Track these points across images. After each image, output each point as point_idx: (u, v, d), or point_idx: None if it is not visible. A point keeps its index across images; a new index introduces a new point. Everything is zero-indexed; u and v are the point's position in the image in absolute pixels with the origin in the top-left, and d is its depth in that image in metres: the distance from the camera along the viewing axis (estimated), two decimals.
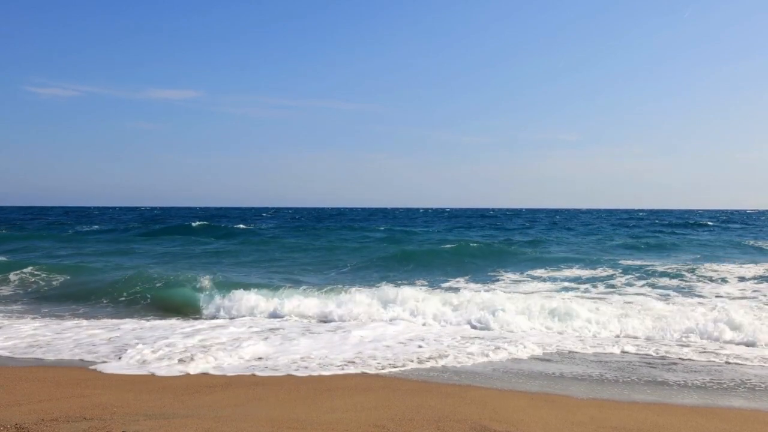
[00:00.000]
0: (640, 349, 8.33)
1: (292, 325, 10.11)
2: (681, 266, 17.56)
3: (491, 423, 4.87)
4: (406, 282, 14.97)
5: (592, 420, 5.08)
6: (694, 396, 6.12)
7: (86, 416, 4.90)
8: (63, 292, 13.93)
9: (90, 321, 10.44)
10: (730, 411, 5.53)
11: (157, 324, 10.10)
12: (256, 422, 4.83)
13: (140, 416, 4.94)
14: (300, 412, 5.19)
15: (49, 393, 5.81)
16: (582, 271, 17.37)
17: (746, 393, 6.20)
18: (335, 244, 26.38)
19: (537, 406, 5.50)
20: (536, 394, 6.08)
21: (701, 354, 7.97)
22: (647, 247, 26.33)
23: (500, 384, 6.52)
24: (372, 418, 4.98)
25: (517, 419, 5.02)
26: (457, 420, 4.94)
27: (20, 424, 4.67)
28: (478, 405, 5.46)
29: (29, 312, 11.51)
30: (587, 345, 8.54)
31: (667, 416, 5.25)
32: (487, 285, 14.66)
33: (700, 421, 5.13)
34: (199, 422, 4.77)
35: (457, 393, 5.96)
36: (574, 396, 6.03)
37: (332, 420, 4.93)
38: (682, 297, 12.83)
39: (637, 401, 5.86)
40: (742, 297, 13.01)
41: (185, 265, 18.75)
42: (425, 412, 5.17)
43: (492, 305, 10.43)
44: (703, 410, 5.54)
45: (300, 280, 15.55)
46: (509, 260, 20.27)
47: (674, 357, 7.87)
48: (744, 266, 18.10)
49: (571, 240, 31.80)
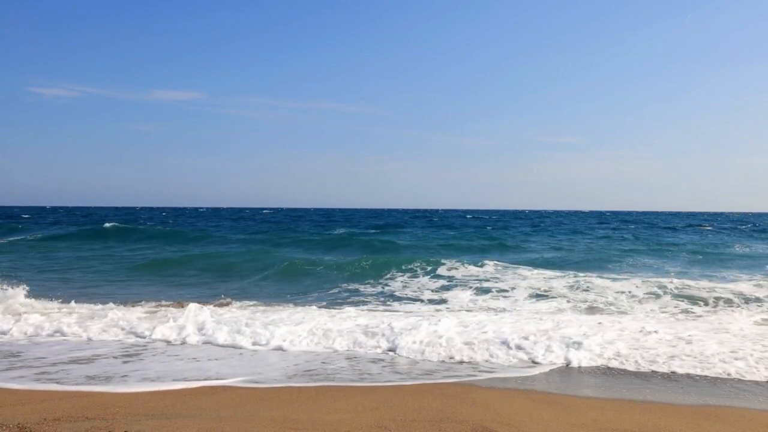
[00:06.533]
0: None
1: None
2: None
3: (492, 424, 4.88)
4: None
5: (593, 422, 5.08)
6: (696, 397, 6.13)
7: (88, 416, 4.91)
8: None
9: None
10: (732, 413, 5.54)
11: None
12: (258, 422, 4.84)
13: (142, 416, 4.94)
14: (301, 412, 5.21)
15: (51, 392, 5.79)
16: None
17: (748, 395, 6.23)
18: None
19: (538, 408, 5.51)
20: (538, 395, 6.09)
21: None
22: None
23: (502, 385, 6.54)
24: (373, 419, 4.99)
25: (519, 421, 5.03)
26: (458, 421, 4.96)
27: (22, 423, 4.67)
28: (480, 406, 5.47)
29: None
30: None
31: (668, 418, 5.26)
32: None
33: (702, 423, 5.13)
34: (200, 422, 4.78)
35: (459, 394, 5.97)
36: (576, 397, 6.04)
37: (333, 420, 4.94)
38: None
39: (639, 403, 5.87)
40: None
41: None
42: (426, 413, 5.18)
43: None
44: (705, 412, 5.55)
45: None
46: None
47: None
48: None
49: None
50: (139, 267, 19.87)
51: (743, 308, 12.16)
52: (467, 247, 28.83)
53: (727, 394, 6.24)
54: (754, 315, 11.35)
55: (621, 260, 22.65)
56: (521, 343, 8.17)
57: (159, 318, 10.21)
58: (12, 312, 10.83)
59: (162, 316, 10.34)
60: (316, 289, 15.56)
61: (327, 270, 18.52)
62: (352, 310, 11.85)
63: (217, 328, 9.27)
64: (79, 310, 11.22)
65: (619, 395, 6.14)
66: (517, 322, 10.22)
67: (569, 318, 11.02)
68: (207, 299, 13.23)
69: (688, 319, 11.05)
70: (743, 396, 6.19)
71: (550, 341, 8.30)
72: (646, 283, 14.74)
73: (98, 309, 11.25)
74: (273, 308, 11.96)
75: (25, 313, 10.64)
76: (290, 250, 26.73)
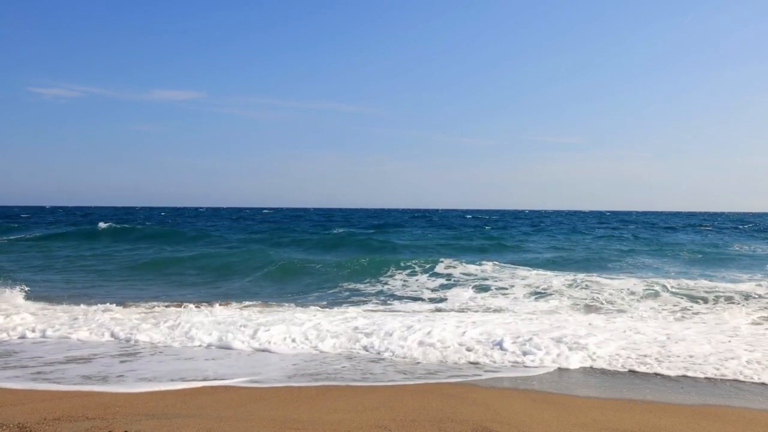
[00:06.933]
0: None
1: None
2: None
3: (493, 424, 4.88)
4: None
5: (594, 422, 5.08)
6: (696, 397, 6.13)
7: (88, 416, 4.91)
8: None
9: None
10: (732, 413, 5.54)
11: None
12: (258, 422, 4.84)
13: (142, 416, 4.94)
14: (302, 412, 5.20)
15: (51, 392, 5.79)
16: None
17: (748, 395, 6.23)
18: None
19: (539, 408, 5.51)
20: (538, 395, 6.09)
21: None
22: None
23: (502, 385, 6.54)
24: (374, 419, 4.99)
25: (519, 421, 5.03)
26: (459, 421, 4.95)
27: (22, 423, 4.67)
28: (480, 406, 5.47)
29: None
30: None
31: (669, 418, 5.26)
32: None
33: (702, 423, 5.14)
34: (200, 422, 4.78)
35: (459, 394, 5.96)
36: (576, 397, 6.05)
37: (334, 420, 4.94)
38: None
39: (639, 402, 5.87)
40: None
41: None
42: (427, 413, 5.18)
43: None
44: (705, 412, 5.55)
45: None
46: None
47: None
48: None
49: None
50: (137, 267, 19.85)
51: (743, 308, 12.15)
52: (467, 247, 28.83)
53: (726, 394, 6.25)
54: (753, 314, 11.36)
55: (621, 260, 22.66)
56: (521, 343, 8.17)
57: (156, 318, 10.20)
58: (6, 312, 10.82)
59: (159, 317, 10.34)
60: (316, 289, 15.55)
61: (326, 269, 18.51)
62: (352, 309, 11.85)
63: (214, 328, 9.27)
64: (76, 310, 11.22)
65: (619, 395, 6.14)
66: (516, 323, 10.23)
67: (569, 318, 11.03)
68: (205, 299, 13.25)
69: (688, 319, 11.07)
70: (743, 396, 6.19)
71: (550, 341, 8.30)
72: (645, 282, 14.73)
73: (96, 309, 11.25)
74: (271, 308, 11.96)
75: (17, 314, 10.62)
76: (289, 250, 26.73)
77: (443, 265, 18.44)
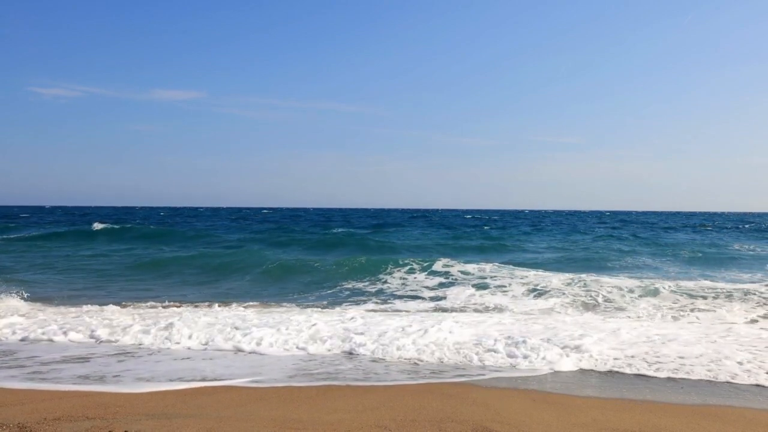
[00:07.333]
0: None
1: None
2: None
3: (493, 424, 4.88)
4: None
5: (594, 422, 5.08)
6: (696, 397, 6.13)
7: (88, 416, 4.90)
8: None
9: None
10: (732, 413, 5.54)
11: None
12: (258, 422, 4.83)
13: (142, 416, 4.94)
14: (302, 412, 5.20)
15: (51, 392, 5.79)
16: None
17: (747, 395, 6.23)
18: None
19: (539, 408, 5.51)
20: (538, 395, 6.08)
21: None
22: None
23: (502, 385, 6.53)
24: (374, 419, 4.99)
25: (519, 421, 5.03)
26: (458, 421, 4.95)
27: (23, 423, 4.67)
28: (480, 406, 5.47)
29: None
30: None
31: (668, 418, 5.26)
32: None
33: (702, 423, 5.14)
34: (201, 422, 4.78)
35: (459, 394, 5.96)
36: (576, 397, 6.04)
37: (334, 420, 4.93)
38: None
39: (639, 402, 5.87)
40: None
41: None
42: (427, 413, 5.17)
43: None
44: (705, 412, 5.55)
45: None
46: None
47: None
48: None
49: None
50: (136, 266, 19.85)
51: (743, 307, 12.15)
52: (466, 247, 28.84)
53: (727, 394, 6.24)
54: (752, 313, 11.36)
55: (620, 260, 22.67)
56: (520, 343, 8.15)
57: (153, 318, 10.19)
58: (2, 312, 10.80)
59: (157, 317, 10.34)
60: (316, 288, 15.55)
61: (326, 269, 18.51)
62: (351, 309, 11.85)
63: (211, 329, 9.25)
64: (74, 310, 11.21)
65: (619, 395, 6.14)
66: (515, 322, 10.23)
67: (568, 318, 11.03)
68: (205, 299, 13.24)
69: (688, 319, 11.07)
70: (743, 396, 6.19)
71: (550, 341, 8.30)
72: (645, 282, 14.73)
73: (96, 309, 11.24)
74: (270, 308, 11.95)
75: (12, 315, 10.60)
76: (289, 250, 26.73)
77: (442, 264, 18.46)
